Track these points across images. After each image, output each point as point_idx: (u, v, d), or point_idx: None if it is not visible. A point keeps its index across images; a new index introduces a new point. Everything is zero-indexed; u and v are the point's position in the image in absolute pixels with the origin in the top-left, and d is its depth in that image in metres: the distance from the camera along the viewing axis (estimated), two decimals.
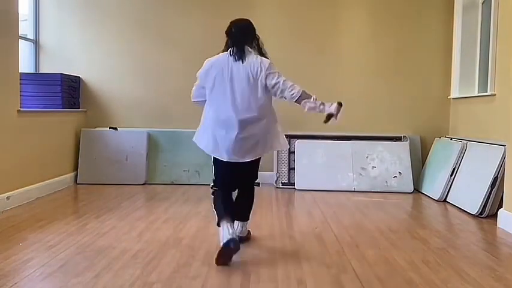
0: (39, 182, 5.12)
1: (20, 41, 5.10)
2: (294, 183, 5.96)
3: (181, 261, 3.10)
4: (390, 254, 3.32)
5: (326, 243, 3.57)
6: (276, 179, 6.04)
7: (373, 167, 5.92)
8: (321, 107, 3.21)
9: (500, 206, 4.28)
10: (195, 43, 6.25)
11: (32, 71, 6.19)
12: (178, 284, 2.71)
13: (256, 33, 3.35)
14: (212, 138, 3.27)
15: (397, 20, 6.23)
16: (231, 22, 3.35)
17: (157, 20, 6.31)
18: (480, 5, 5.59)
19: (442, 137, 6.01)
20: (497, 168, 4.51)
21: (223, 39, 3.33)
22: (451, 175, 5.27)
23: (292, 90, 3.19)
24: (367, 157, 5.96)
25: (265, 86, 3.20)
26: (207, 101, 3.30)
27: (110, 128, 6.24)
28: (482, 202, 4.51)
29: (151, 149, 6.19)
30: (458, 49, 5.96)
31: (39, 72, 6.23)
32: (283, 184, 6.06)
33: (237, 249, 3.06)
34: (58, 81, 5.78)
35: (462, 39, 5.90)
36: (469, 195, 4.77)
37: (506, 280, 2.87)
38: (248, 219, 3.55)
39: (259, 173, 3.56)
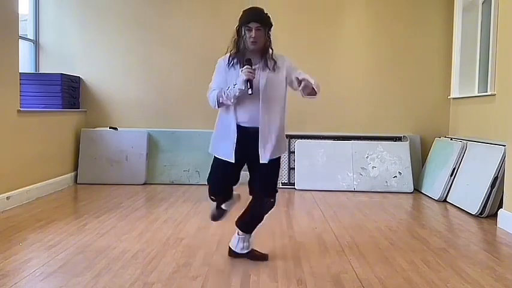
0: (39, 182, 5.12)
1: (20, 41, 5.10)
2: (294, 183, 5.96)
3: (181, 261, 3.10)
4: (390, 254, 3.32)
5: (326, 243, 3.57)
6: None
7: (373, 167, 5.92)
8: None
9: (500, 206, 4.28)
10: (195, 43, 6.26)
11: (32, 71, 6.19)
12: (178, 284, 2.71)
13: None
14: None
15: (397, 20, 6.23)
16: None
17: (158, 20, 6.31)
18: (480, 5, 5.59)
19: (442, 137, 6.01)
20: (497, 168, 4.51)
21: (223, 39, 3.32)
22: (451, 175, 5.27)
23: None
24: (367, 157, 5.96)
25: None
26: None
27: (110, 128, 6.24)
28: (482, 202, 4.51)
29: (151, 149, 6.18)
30: (458, 49, 5.96)
31: (39, 72, 6.22)
32: (283, 184, 6.06)
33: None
34: (58, 81, 5.78)
35: (462, 39, 5.90)
36: (469, 195, 4.77)
37: (506, 280, 2.87)
38: None
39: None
